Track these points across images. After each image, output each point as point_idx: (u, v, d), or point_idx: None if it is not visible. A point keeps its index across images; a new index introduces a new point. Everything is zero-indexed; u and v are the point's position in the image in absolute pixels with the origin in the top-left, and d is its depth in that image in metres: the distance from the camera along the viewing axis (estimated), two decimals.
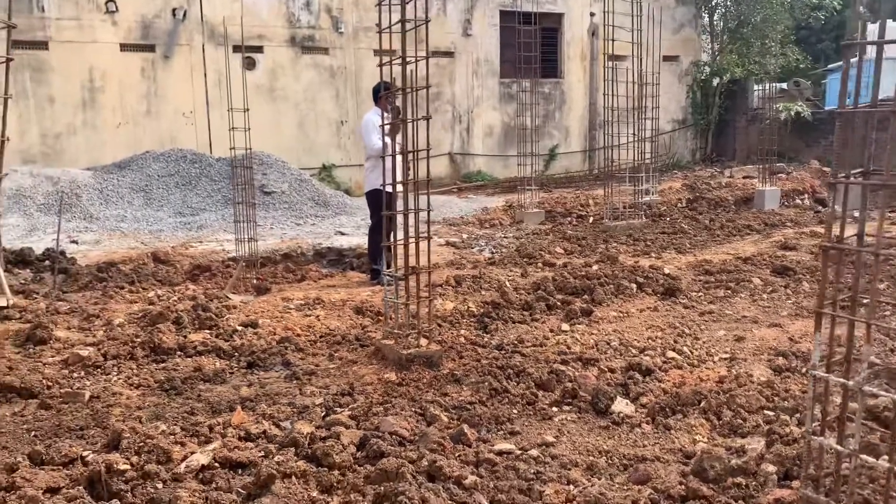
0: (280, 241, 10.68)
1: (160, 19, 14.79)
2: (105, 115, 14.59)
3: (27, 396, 4.29)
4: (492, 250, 9.51)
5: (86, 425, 3.84)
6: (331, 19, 16.20)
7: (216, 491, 3.09)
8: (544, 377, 4.52)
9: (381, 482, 3.20)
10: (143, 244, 10.66)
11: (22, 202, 12.51)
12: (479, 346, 5.22)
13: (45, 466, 3.21)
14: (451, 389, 4.40)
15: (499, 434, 3.85)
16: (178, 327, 5.61)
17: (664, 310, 6.24)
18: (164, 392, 4.42)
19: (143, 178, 13.90)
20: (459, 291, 6.83)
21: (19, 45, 13.67)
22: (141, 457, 3.26)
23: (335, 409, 4.05)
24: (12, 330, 5.61)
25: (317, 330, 5.69)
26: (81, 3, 14.14)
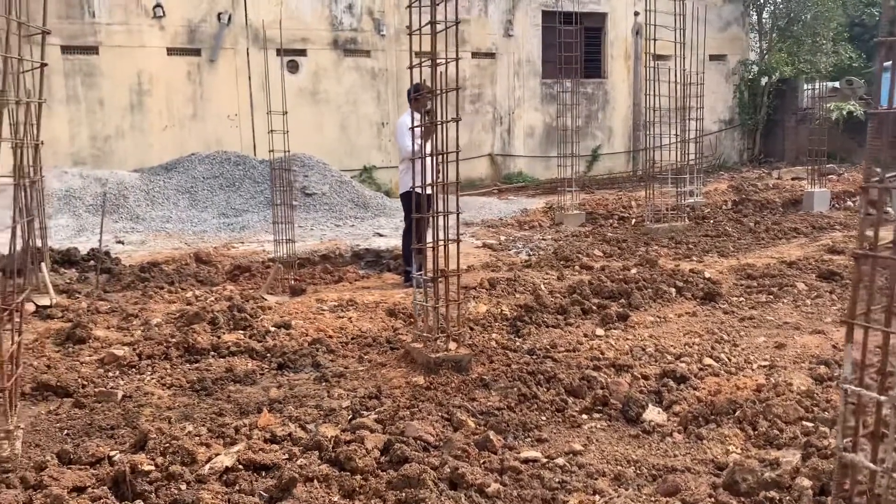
0: (320, 242, 10.76)
1: (206, 24, 15.06)
2: (152, 119, 14.92)
3: (62, 395, 4.38)
4: (529, 252, 9.43)
5: (116, 425, 3.90)
6: (373, 21, 16.29)
7: (238, 493, 3.10)
8: (575, 383, 4.43)
9: (402, 488, 3.17)
10: (187, 245, 10.86)
11: (72, 203, 12.85)
12: (510, 351, 5.15)
13: (73, 465, 3.26)
14: (479, 394, 4.35)
15: (526, 441, 3.78)
16: (214, 328, 5.68)
17: (703, 315, 6.08)
18: (194, 392, 4.47)
19: (188, 180, 14.17)
20: (493, 294, 6.77)
21: (71, 51, 14.10)
22: (166, 457, 3.29)
23: (362, 413, 4.04)
24: (54, 329, 5.74)
25: (349, 332, 5.70)
26: (130, 8, 14.48)
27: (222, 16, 15.07)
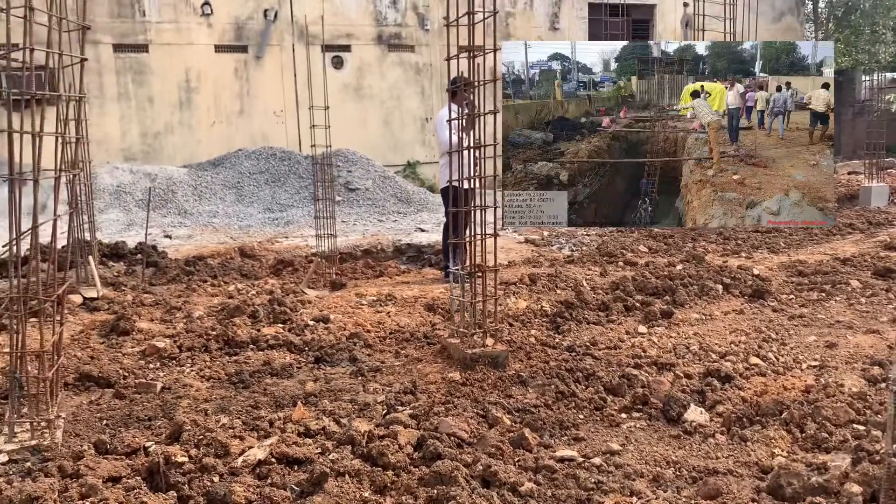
0: (362, 236, 10.80)
1: (252, 21, 15.24)
2: (200, 115, 15.18)
3: (104, 385, 4.45)
4: (572, 248, 9.29)
5: (154, 416, 3.94)
6: (417, 17, 16.28)
7: (270, 487, 3.09)
8: (615, 381, 4.33)
9: (434, 485, 3.12)
10: (233, 239, 11.02)
11: (122, 198, 13.16)
12: (549, 348, 5.06)
13: (109, 455, 3.29)
14: (515, 391, 4.28)
15: (562, 440, 3.70)
16: (254, 321, 5.72)
17: (751, 313, 5.89)
18: (232, 385, 4.49)
19: (234, 176, 14.39)
20: (533, 290, 6.67)
21: (122, 49, 14.42)
22: (199, 449, 3.30)
23: (396, 408, 4.00)
24: (99, 321, 5.86)
25: (386, 326, 5.68)
26: (179, 6, 14.74)
27: (268, 13, 15.24)
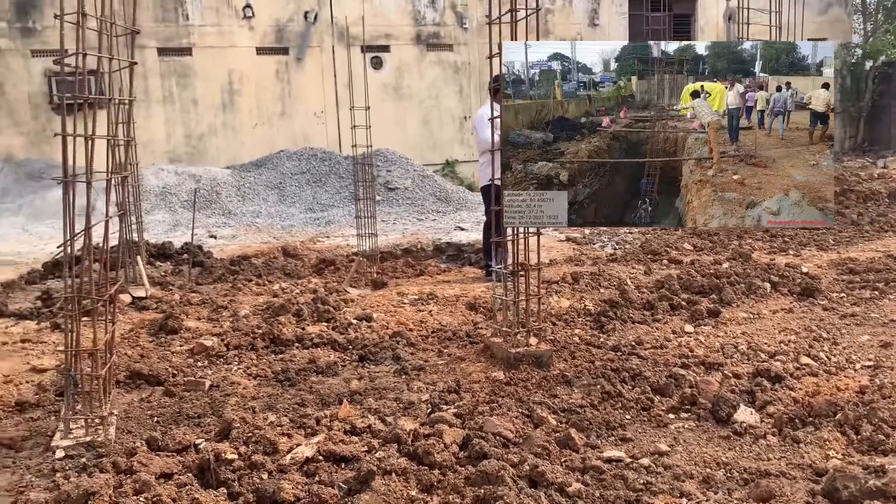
0: (402, 235, 10.84)
1: (293, 23, 15.41)
2: (243, 117, 15.39)
3: (154, 383, 4.54)
4: (614, 246, 9.20)
5: (203, 413, 4.01)
6: (455, 15, 16.28)
7: (318, 484, 3.12)
8: (662, 381, 4.27)
9: (480, 485, 3.11)
10: (275, 239, 11.15)
11: (168, 199, 13.41)
12: (593, 347, 5.02)
13: (161, 452, 3.36)
14: (560, 391, 4.25)
15: (609, 440, 3.66)
16: (298, 319, 5.78)
17: (800, 312, 5.76)
18: (278, 383, 4.55)
19: (277, 176, 14.56)
20: (576, 289, 6.62)
21: (167, 53, 14.70)
22: (249, 447, 3.35)
23: (441, 407, 4.01)
24: (148, 320, 5.98)
25: (429, 325, 5.69)
26: (222, 9, 14.98)
27: (309, 14, 15.39)
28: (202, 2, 14.88)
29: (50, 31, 14.26)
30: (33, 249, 10.37)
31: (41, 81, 14.30)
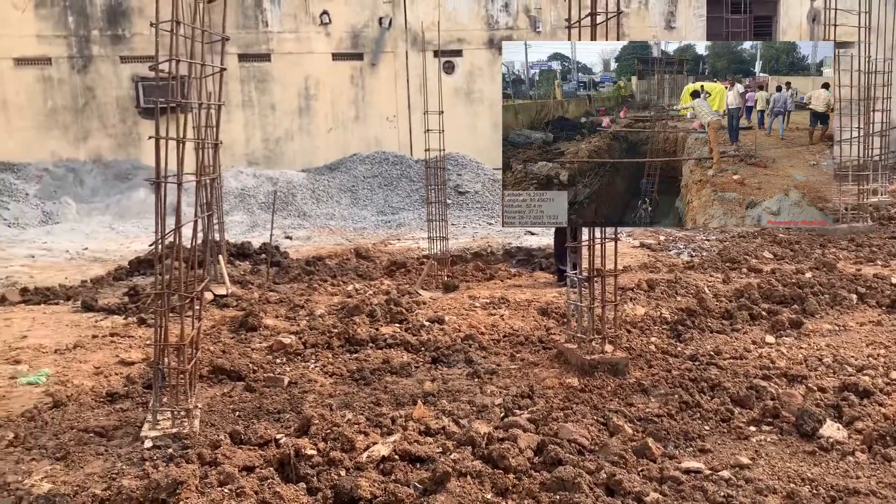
0: (472, 239, 10.86)
1: (368, 28, 15.65)
2: (318, 121, 15.72)
3: (235, 379, 4.68)
4: (691, 253, 8.99)
5: (282, 409, 4.11)
6: (528, 19, 16.24)
7: (394, 483, 3.16)
8: (742, 393, 4.16)
9: (556, 490, 3.10)
10: (348, 241, 11.34)
11: (246, 200, 13.81)
12: (670, 356, 4.92)
13: (243, 446, 3.46)
14: (636, 400, 4.19)
15: (687, 451, 3.59)
16: (372, 320, 5.87)
17: (890, 324, 5.51)
18: (354, 382, 4.62)
19: (350, 179, 14.81)
20: (652, 296, 6.50)
21: (247, 59, 15.14)
22: (327, 443, 3.42)
23: (514, 411, 4.00)
24: (229, 317, 6.17)
25: (500, 329, 5.68)
26: (300, 16, 15.34)
27: (383, 20, 15.60)
28: (281, 9, 15.28)
29: (138, 38, 14.89)
30: (119, 247, 10.84)
31: (129, 86, 14.93)
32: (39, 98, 14.69)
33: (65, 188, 14.17)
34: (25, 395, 4.52)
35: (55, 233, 12.35)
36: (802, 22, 17.50)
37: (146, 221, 13.27)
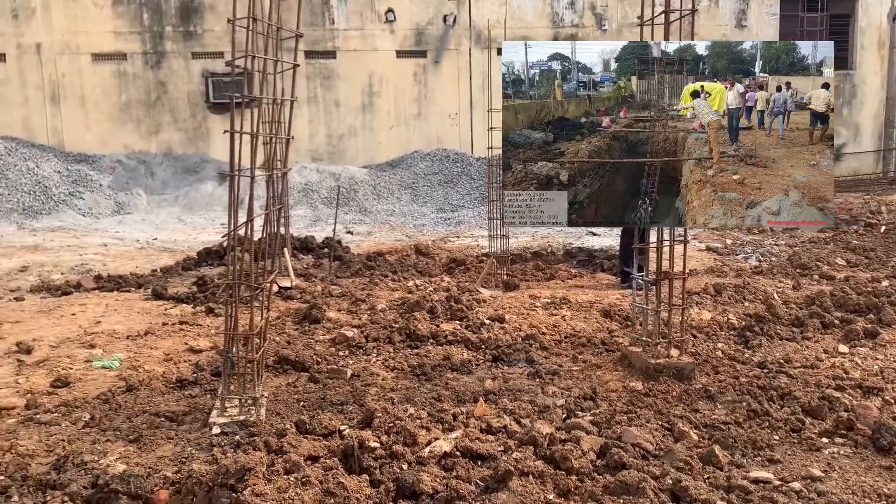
0: (531, 239, 10.81)
1: (432, 26, 15.71)
2: (381, 118, 15.86)
3: (300, 369, 4.77)
4: (759, 258, 8.75)
5: (345, 401, 4.16)
6: (594, 17, 16.05)
7: (456, 479, 3.17)
8: (814, 403, 4.02)
9: (619, 494, 3.06)
10: (408, 237, 11.42)
11: (309, 195, 14.05)
12: (737, 363, 4.80)
13: (308, 435, 3.52)
14: (702, 406, 4.10)
15: (755, 460, 3.50)
16: (432, 316, 5.89)
17: None
18: (415, 377, 4.65)
19: (410, 176, 14.92)
20: (719, 301, 6.35)
21: (313, 56, 15.38)
22: (390, 436, 3.45)
23: (576, 413, 3.97)
24: (293, 309, 6.29)
25: (562, 330, 5.64)
26: (365, 14, 15.50)
27: (448, 18, 15.64)
28: (347, 6, 15.47)
29: (209, 34, 15.28)
30: (187, 238, 11.16)
31: (199, 81, 15.34)
32: (114, 92, 15.23)
33: (136, 180, 14.65)
34: (100, 379, 4.70)
35: (126, 223, 12.79)
36: (882, 21, 16.83)
37: (213, 214, 13.63)
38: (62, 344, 5.42)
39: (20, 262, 8.92)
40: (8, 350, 5.26)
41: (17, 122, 14.99)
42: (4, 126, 14.92)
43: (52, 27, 14.95)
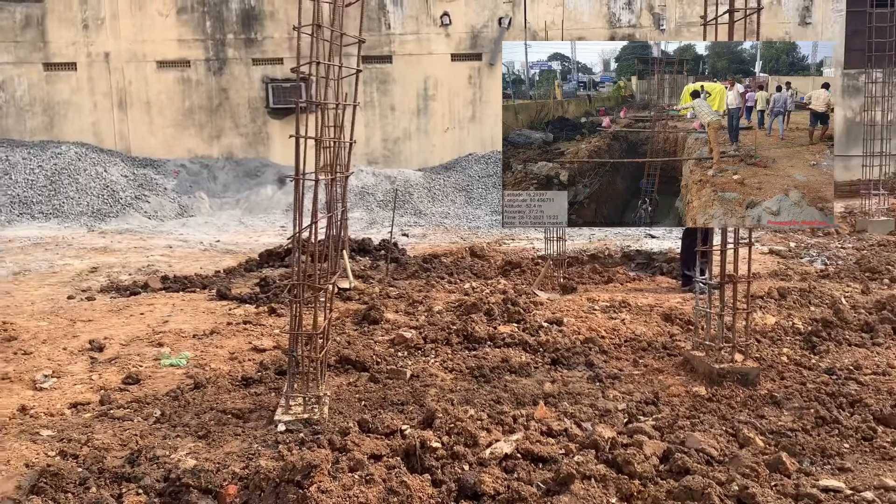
0: (588, 241, 10.72)
1: (487, 28, 15.73)
2: (435, 121, 15.95)
3: (360, 369, 4.84)
4: (825, 262, 8.50)
5: (405, 401, 4.21)
6: (652, 17, 15.84)
7: (517, 481, 3.17)
8: (886, 411, 3.90)
9: (683, 500, 3.02)
10: (462, 239, 11.45)
11: (365, 198, 14.22)
12: (804, 368, 4.68)
13: (371, 434, 3.57)
14: (768, 412, 4.01)
15: (825, 469, 3.41)
16: (489, 318, 5.90)
17: None
18: (473, 378, 4.67)
19: (465, 179, 14.96)
20: (783, 305, 6.20)
21: (369, 61, 15.56)
22: (451, 437, 3.47)
23: (638, 417, 3.93)
24: (352, 309, 6.38)
25: (622, 333, 5.58)
26: (421, 18, 15.62)
27: (503, 20, 15.64)
28: (403, 11, 15.62)
29: (269, 41, 15.61)
30: (248, 240, 11.42)
31: (259, 87, 15.69)
32: (178, 98, 15.69)
33: (199, 183, 15.07)
34: (168, 376, 4.85)
35: (190, 225, 13.16)
36: None
37: (272, 216, 13.91)
38: (132, 342, 5.62)
39: (91, 263, 9.27)
40: (81, 347, 5.48)
41: (88, 129, 15.58)
42: (76, 132, 15.53)
43: (120, 36, 15.50)
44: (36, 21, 15.40)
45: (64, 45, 15.47)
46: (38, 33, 15.43)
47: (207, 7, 15.50)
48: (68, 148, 14.91)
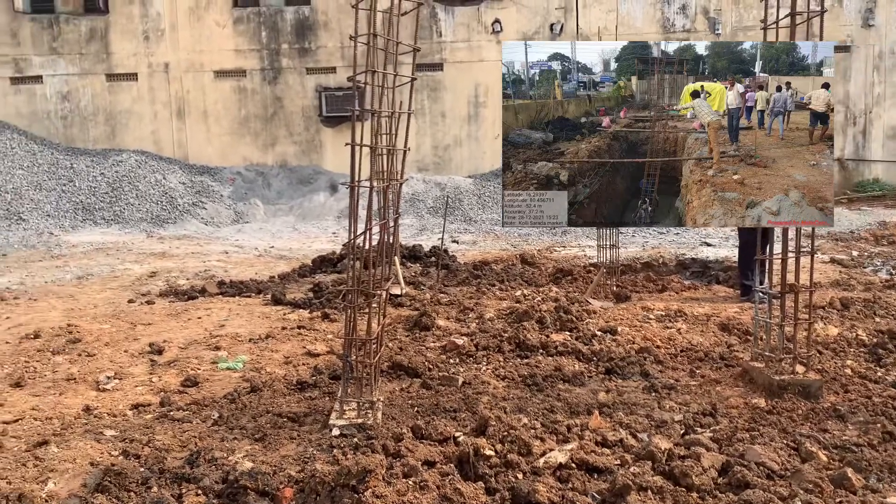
0: (641, 249, 10.57)
1: (538, 34, 15.69)
2: (485, 128, 15.96)
3: (412, 375, 4.86)
4: (890, 271, 8.21)
5: (458, 408, 4.21)
6: (707, 21, 15.57)
7: (572, 491, 3.15)
8: None
9: None
10: (513, 246, 11.41)
11: (416, 205, 14.29)
12: (869, 381, 4.53)
13: (424, 441, 3.58)
14: (831, 426, 3.89)
15: (893, 485, 3.29)
16: (541, 326, 5.86)
17: None
18: (526, 387, 4.65)
19: None
20: (846, 316, 6.01)
21: (420, 68, 15.65)
22: (504, 445, 3.46)
23: (695, 429, 3.85)
24: (403, 316, 6.41)
25: (677, 343, 5.48)
26: (472, 25, 15.67)
27: (554, 26, 15.58)
28: (455, 19, 15.69)
29: (322, 50, 15.86)
30: (302, 246, 11.58)
31: (313, 96, 15.93)
32: (234, 107, 16.03)
33: (254, 190, 15.36)
34: (225, 379, 4.95)
35: (245, 231, 13.42)
36: None
37: (325, 223, 14.10)
38: (190, 345, 5.75)
39: (150, 268, 9.53)
40: (142, 350, 5.63)
41: (147, 137, 16.04)
42: (136, 140, 16.00)
43: (179, 47, 15.93)
44: (100, 34, 15.94)
45: (126, 57, 15.97)
46: (101, 45, 15.97)
47: (263, 17, 15.83)
48: (129, 156, 15.38)
